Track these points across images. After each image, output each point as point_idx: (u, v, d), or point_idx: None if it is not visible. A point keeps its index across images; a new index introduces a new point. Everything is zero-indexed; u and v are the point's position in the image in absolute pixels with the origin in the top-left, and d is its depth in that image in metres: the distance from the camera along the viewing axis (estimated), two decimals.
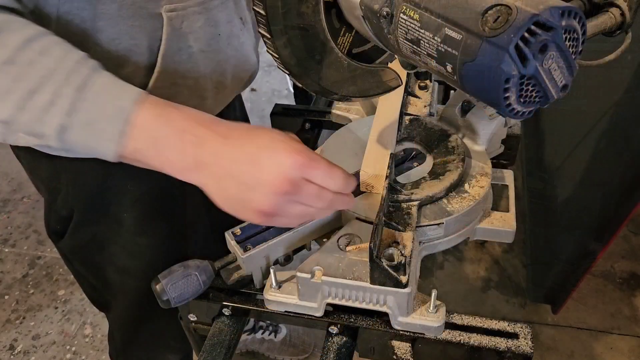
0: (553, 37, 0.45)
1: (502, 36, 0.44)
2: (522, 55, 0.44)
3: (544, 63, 0.46)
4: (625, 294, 1.74)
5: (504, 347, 0.65)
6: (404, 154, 0.80)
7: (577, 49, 0.48)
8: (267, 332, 1.60)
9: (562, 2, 0.46)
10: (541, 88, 0.48)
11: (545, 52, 0.45)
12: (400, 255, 0.63)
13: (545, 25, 0.44)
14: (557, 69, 0.47)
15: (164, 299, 0.66)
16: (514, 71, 0.45)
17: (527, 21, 0.43)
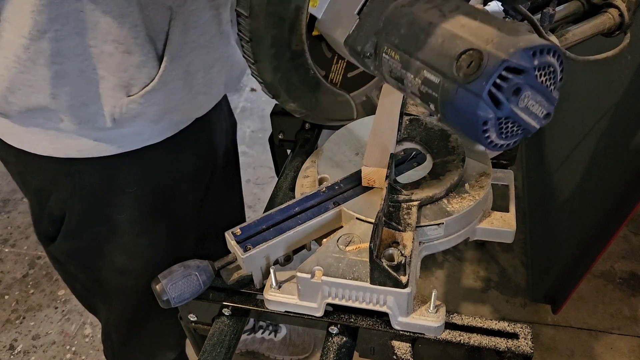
0: (525, 80, 0.45)
1: (476, 83, 0.45)
2: (496, 99, 0.45)
3: (519, 103, 0.46)
4: (625, 294, 1.74)
5: (504, 347, 0.65)
6: (404, 154, 0.81)
7: (556, 81, 0.49)
8: (267, 331, 1.60)
9: (536, 39, 0.46)
10: (521, 124, 0.49)
11: (519, 94, 0.46)
12: (400, 255, 0.63)
13: (517, 69, 0.45)
14: (536, 104, 0.48)
15: (164, 299, 0.66)
16: (490, 114, 0.45)
17: (498, 67, 0.44)
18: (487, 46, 0.45)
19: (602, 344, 1.61)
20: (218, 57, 0.81)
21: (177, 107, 0.79)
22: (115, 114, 0.73)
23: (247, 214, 2.12)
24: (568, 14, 0.71)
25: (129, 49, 0.69)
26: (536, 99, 0.47)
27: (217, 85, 0.84)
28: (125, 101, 0.73)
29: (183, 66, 0.76)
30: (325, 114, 0.62)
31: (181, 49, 0.74)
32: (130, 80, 0.72)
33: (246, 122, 2.61)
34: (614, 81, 1.30)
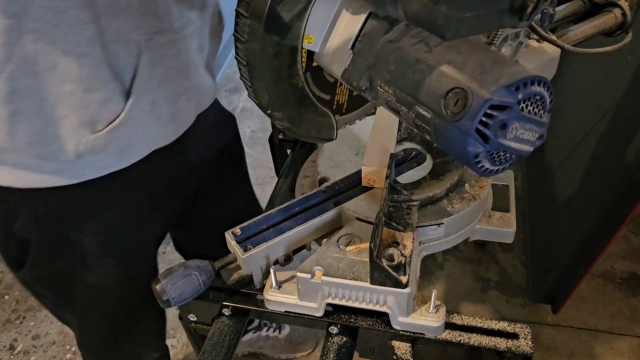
0: (510, 115, 0.46)
1: (463, 122, 0.46)
2: (484, 136, 0.46)
3: (507, 136, 0.47)
4: (625, 294, 1.74)
5: (504, 347, 0.65)
6: (404, 154, 0.81)
7: (545, 106, 0.49)
8: (271, 329, 1.61)
9: (519, 72, 0.47)
10: (512, 152, 0.50)
11: (506, 129, 0.47)
12: (400, 256, 0.63)
13: (501, 106, 0.46)
14: (526, 131, 0.49)
15: (164, 299, 0.66)
16: (479, 149, 0.47)
17: (482, 107, 0.45)
18: (471, 84, 0.46)
19: (602, 344, 1.61)
20: (186, 88, 0.79)
21: (142, 140, 0.77)
22: (79, 150, 0.71)
23: None
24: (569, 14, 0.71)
25: (90, 87, 0.67)
26: (525, 127, 0.48)
27: (186, 114, 0.83)
28: (89, 138, 0.71)
29: (149, 100, 0.74)
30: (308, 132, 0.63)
31: (148, 83, 0.73)
32: (94, 118, 0.70)
33: (246, 122, 2.61)
34: (614, 81, 1.30)
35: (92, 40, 0.65)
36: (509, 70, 0.47)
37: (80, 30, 0.64)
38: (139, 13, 0.68)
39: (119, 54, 0.68)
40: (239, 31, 0.57)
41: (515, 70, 0.47)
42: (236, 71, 2.96)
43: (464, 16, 0.40)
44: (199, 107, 0.86)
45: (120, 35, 0.67)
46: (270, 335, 1.61)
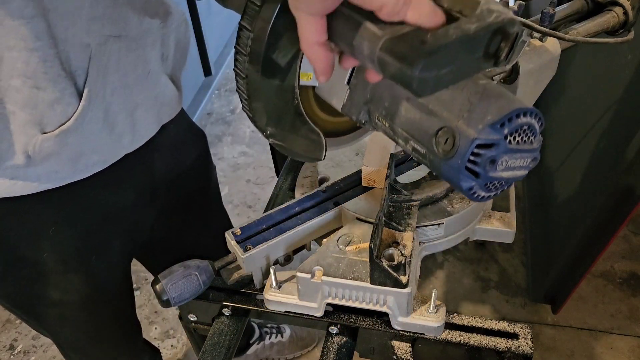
0: (498, 151, 0.48)
1: (453, 160, 0.49)
2: (474, 172, 0.48)
3: (497, 168, 0.49)
4: (625, 294, 1.74)
5: (504, 347, 0.65)
6: (404, 154, 0.80)
7: (535, 133, 0.51)
8: (273, 335, 1.61)
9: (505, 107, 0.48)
10: (505, 181, 0.51)
11: (495, 163, 0.49)
12: (400, 255, 0.63)
13: (487, 144, 0.47)
14: (517, 160, 0.51)
15: (164, 299, 0.66)
16: (472, 183, 0.49)
17: (469, 147, 0.47)
18: (458, 123, 0.48)
19: (602, 344, 1.61)
20: (144, 98, 0.76)
21: (97, 149, 0.74)
22: (29, 150, 0.68)
23: (247, 214, 2.12)
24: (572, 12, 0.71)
25: (39, 84, 0.65)
26: (515, 157, 0.50)
27: (145, 125, 0.79)
28: (39, 139, 0.68)
29: (102, 107, 0.71)
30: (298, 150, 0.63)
31: (101, 90, 0.70)
32: (43, 118, 0.67)
33: (246, 122, 2.61)
34: (614, 81, 1.30)
35: (40, 36, 0.62)
36: (494, 106, 0.48)
37: (26, 24, 0.61)
38: (90, 15, 0.65)
39: (69, 54, 0.65)
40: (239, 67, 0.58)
41: (501, 105, 0.48)
42: None
43: (439, 73, 0.41)
44: (160, 118, 0.83)
45: (69, 35, 0.64)
46: (274, 342, 1.61)
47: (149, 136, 0.82)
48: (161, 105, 0.81)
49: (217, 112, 2.72)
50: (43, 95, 0.66)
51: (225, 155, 2.44)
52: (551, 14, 0.63)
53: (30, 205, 0.74)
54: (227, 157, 2.43)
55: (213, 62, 2.85)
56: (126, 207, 0.86)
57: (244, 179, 2.29)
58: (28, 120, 0.67)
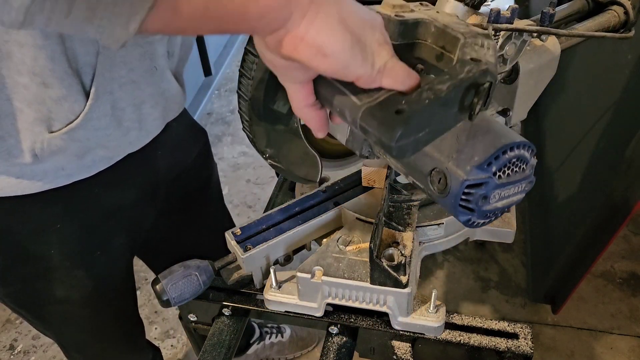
0: (488, 188, 0.50)
1: (447, 199, 0.51)
2: (468, 208, 0.51)
3: (491, 202, 0.51)
4: (625, 294, 1.74)
5: (504, 347, 0.65)
6: None
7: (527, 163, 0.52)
8: (273, 335, 1.61)
9: (490, 146, 0.50)
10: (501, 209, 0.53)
11: (487, 199, 0.51)
12: (400, 255, 0.63)
13: (477, 184, 0.49)
14: (511, 189, 0.52)
15: (164, 299, 0.66)
16: (468, 216, 0.51)
17: (460, 188, 0.50)
18: (448, 164, 0.50)
19: (602, 344, 1.61)
20: (150, 93, 0.76)
21: (104, 144, 0.75)
22: (36, 149, 0.69)
23: (247, 214, 2.12)
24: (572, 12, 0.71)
25: (46, 81, 0.65)
26: (508, 188, 0.52)
27: (152, 121, 0.79)
28: (46, 137, 0.69)
29: (110, 102, 0.71)
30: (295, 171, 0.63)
31: (108, 85, 0.70)
32: (50, 115, 0.67)
33: None
34: (614, 81, 1.30)
35: (48, 33, 0.62)
36: (481, 145, 0.50)
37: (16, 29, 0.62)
38: None
39: (76, 51, 0.66)
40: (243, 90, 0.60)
41: (488, 143, 0.50)
42: (236, 71, 2.95)
43: (417, 137, 0.43)
44: (166, 115, 0.83)
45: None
46: (274, 342, 1.61)
47: (155, 133, 0.82)
48: (167, 102, 0.82)
49: (217, 112, 2.72)
50: (50, 92, 0.66)
51: (225, 155, 2.44)
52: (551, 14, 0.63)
53: (35, 202, 0.75)
54: (227, 157, 2.43)
55: (213, 62, 2.85)
56: (129, 204, 0.86)
57: (244, 179, 2.29)
58: (35, 118, 0.67)
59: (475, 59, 0.44)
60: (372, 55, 0.44)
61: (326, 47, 0.42)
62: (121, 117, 0.74)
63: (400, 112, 0.41)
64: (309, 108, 0.49)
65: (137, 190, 0.87)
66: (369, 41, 0.44)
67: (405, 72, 0.44)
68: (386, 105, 0.43)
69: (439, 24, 0.49)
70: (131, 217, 0.89)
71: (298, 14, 0.42)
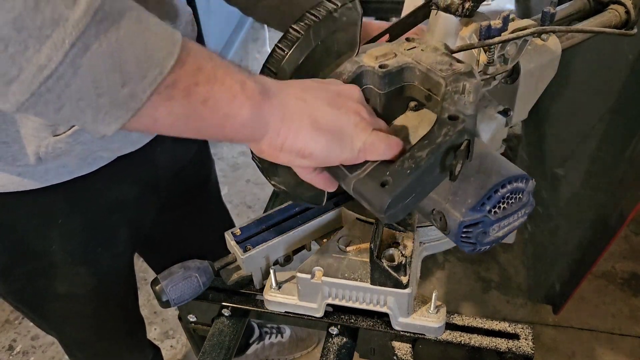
0: (485, 225, 0.52)
1: (450, 235, 0.54)
2: (470, 242, 0.53)
3: (491, 234, 0.53)
4: (626, 294, 1.73)
5: (504, 348, 0.65)
6: None
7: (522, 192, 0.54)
8: (273, 335, 1.61)
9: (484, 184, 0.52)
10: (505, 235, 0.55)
11: (486, 233, 0.53)
12: (400, 256, 0.63)
13: (474, 224, 0.52)
14: (510, 217, 0.54)
15: (164, 300, 0.65)
16: (471, 247, 0.54)
17: (458, 229, 0.52)
18: (445, 205, 0.53)
19: (603, 345, 1.60)
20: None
21: (107, 146, 0.75)
22: (40, 153, 0.69)
23: (247, 214, 2.12)
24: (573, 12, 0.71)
25: None
26: (507, 219, 0.54)
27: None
28: (51, 140, 0.69)
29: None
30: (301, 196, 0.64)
31: None
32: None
33: None
34: (615, 81, 1.30)
35: None
36: (473, 187, 0.52)
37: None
38: None
39: None
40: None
41: (480, 184, 0.52)
42: None
43: (405, 203, 0.46)
44: None
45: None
46: (274, 342, 1.61)
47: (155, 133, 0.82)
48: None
49: None
50: None
51: (225, 155, 2.43)
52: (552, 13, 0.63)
53: (37, 197, 0.75)
54: (227, 157, 2.43)
55: None
56: (131, 199, 0.87)
57: (243, 179, 2.29)
58: (41, 123, 0.67)
59: (453, 116, 0.47)
60: (351, 139, 0.49)
61: (304, 150, 0.47)
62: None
63: (385, 184, 0.45)
64: (312, 175, 0.54)
65: (139, 185, 0.87)
66: (346, 128, 0.49)
67: (386, 144, 0.49)
68: (372, 177, 0.47)
69: (422, 68, 0.52)
70: (133, 213, 0.90)
71: (273, 131, 0.46)
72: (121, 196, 0.85)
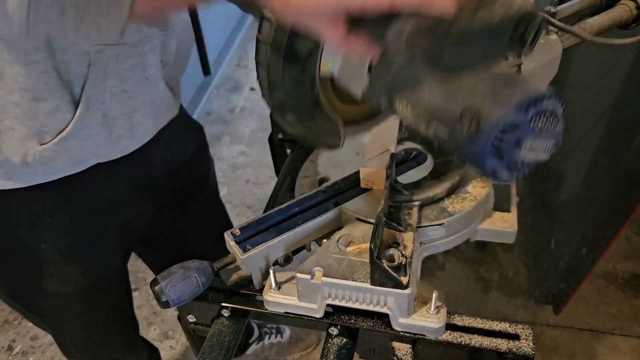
0: (523, 133, 0.49)
1: (479, 139, 0.49)
2: (499, 152, 0.49)
3: (522, 149, 0.50)
4: (627, 295, 1.73)
5: (505, 348, 0.65)
6: (405, 154, 0.80)
7: (557, 118, 0.52)
8: (272, 335, 1.61)
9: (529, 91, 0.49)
10: (528, 163, 0.52)
11: (519, 145, 0.49)
12: (400, 256, 0.62)
13: (513, 125, 0.48)
14: (540, 143, 0.51)
15: (163, 301, 0.65)
16: (496, 165, 0.50)
17: (495, 127, 0.48)
18: (483, 105, 0.49)
19: (604, 345, 1.60)
20: (142, 103, 0.77)
21: (95, 152, 0.76)
22: (28, 160, 0.70)
23: (246, 214, 2.12)
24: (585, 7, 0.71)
25: (38, 96, 0.66)
26: (539, 140, 0.51)
27: (143, 129, 0.80)
28: (38, 149, 0.69)
29: (101, 111, 0.72)
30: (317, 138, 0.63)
31: (100, 95, 0.71)
32: (42, 128, 0.68)
33: (246, 122, 2.61)
34: (616, 81, 1.30)
35: (39, 48, 0.63)
36: (519, 89, 0.48)
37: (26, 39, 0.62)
38: None
39: (69, 63, 0.67)
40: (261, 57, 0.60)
41: (526, 89, 0.48)
42: (235, 71, 2.95)
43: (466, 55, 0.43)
44: (158, 122, 0.84)
45: (69, 44, 0.65)
46: (273, 342, 1.61)
47: (146, 139, 0.83)
48: (158, 110, 0.83)
49: (216, 112, 2.72)
50: (43, 106, 0.67)
51: (225, 155, 2.43)
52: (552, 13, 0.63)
53: (25, 194, 0.75)
54: (226, 157, 2.42)
55: (212, 61, 2.85)
56: (122, 199, 0.86)
57: (243, 179, 2.29)
58: (26, 134, 0.68)
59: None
60: None
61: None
62: (112, 126, 0.75)
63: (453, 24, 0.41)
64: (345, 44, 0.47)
65: (131, 185, 0.87)
66: None
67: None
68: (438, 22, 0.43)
69: None
70: (125, 213, 0.89)
71: None
72: (112, 196, 0.85)
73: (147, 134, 0.82)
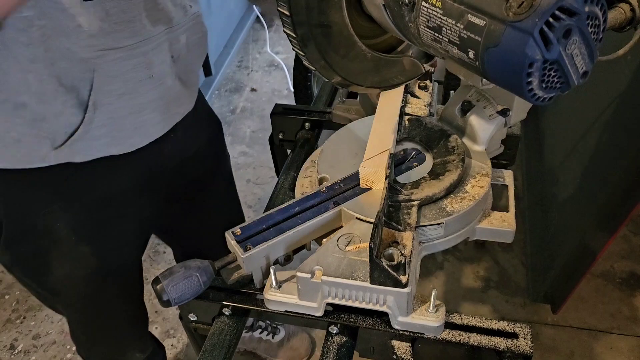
0: (577, 23, 0.45)
1: (527, 21, 0.44)
2: (546, 39, 0.45)
3: (567, 48, 0.46)
4: (625, 294, 1.74)
5: (503, 347, 0.65)
6: (404, 154, 0.81)
7: (598, 36, 0.49)
8: (265, 332, 1.60)
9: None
10: (563, 73, 0.48)
11: (568, 37, 0.46)
12: (400, 255, 0.63)
13: (570, 10, 0.45)
14: (579, 55, 0.48)
15: (164, 300, 0.66)
16: (537, 55, 0.45)
17: (552, 6, 0.44)
18: None
19: (602, 344, 1.61)
20: (148, 101, 0.79)
21: (105, 150, 0.78)
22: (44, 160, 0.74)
23: (247, 214, 2.12)
24: None
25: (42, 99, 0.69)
26: (581, 49, 0.48)
27: (151, 127, 0.82)
28: (52, 154, 0.74)
29: (108, 113, 0.75)
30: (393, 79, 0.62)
31: (105, 97, 0.73)
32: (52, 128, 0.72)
33: (246, 122, 2.61)
34: (614, 81, 1.30)
35: (35, 60, 0.66)
36: None
37: (20, 51, 0.65)
38: (88, 33, 0.68)
39: (69, 70, 0.69)
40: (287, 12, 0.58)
41: None
42: (236, 71, 2.95)
43: None
44: (170, 118, 0.85)
45: (69, 53, 0.68)
46: (263, 338, 1.61)
47: (157, 135, 0.85)
48: (168, 105, 0.84)
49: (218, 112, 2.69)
50: (50, 108, 0.70)
51: None
52: None
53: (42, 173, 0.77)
54: None
55: (213, 62, 2.85)
56: (133, 189, 0.88)
57: (244, 179, 2.29)
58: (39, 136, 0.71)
59: None
60: None
61: None
62: (120, 126, 0.77)
63: None
64: None
65: (142, 176, 0.89)
66: None
67: None
68: None
69: None
70: (136, 203, 0.91)
71: None
72: (125, 183, 0.87)
73: (157, 129, 0.84)
